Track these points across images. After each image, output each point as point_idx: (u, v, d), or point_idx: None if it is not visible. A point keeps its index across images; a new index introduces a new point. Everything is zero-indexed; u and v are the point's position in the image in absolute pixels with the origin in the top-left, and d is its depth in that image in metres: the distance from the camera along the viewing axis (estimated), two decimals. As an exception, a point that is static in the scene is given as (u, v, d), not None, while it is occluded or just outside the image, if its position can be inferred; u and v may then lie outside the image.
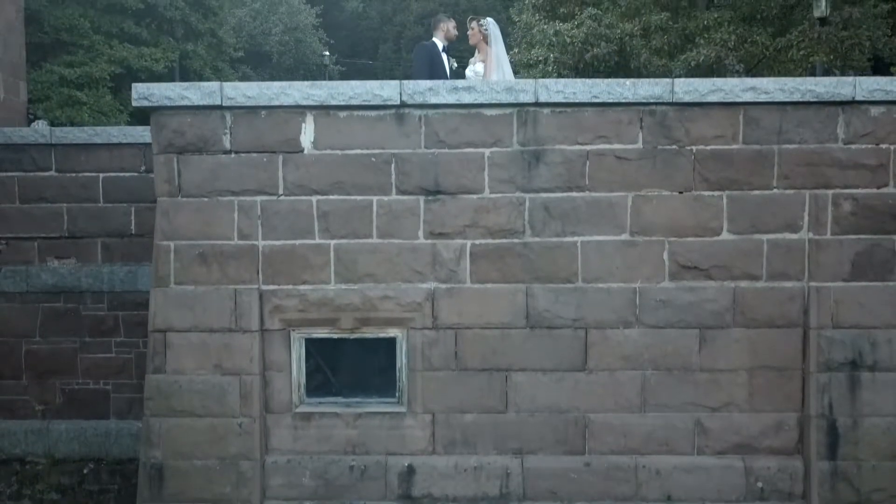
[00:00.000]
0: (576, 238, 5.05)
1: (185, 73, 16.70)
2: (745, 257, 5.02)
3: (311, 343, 5.23)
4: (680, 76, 11.95)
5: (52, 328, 7.46)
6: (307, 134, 5.04)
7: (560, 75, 11.51)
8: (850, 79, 4.89)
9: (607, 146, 5.02)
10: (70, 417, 7.52)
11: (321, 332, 5.19)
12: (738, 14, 12.90)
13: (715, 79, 4.94)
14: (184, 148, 5.07)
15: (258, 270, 5.10)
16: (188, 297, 5.10)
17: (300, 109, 5.00)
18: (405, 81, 4.97)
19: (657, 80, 4.96)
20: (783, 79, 4.93)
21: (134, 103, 5.03)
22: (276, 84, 5.00)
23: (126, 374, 7.51)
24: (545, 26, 12.33)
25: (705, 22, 12.15)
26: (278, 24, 34.22)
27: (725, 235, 5.03)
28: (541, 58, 12.47)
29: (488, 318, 5.08)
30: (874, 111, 4.94)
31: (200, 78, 17.28)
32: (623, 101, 4.92)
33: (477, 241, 5.08)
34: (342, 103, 4.97)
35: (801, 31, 11.93)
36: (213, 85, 4.98)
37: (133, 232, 7.44)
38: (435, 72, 6.15)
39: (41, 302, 7.45)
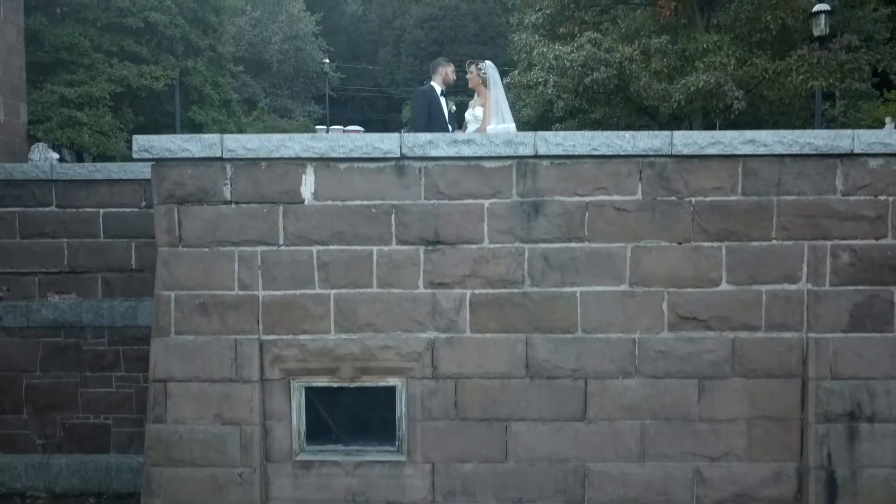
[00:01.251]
0: (575, 288, 5.07)
1: (185, 90, 16.73)
2: (744, 308, 5.03)
3: (311, 391, 5.24)
4: (679, 101, 12.01)
5: (52, 363, 7.48)
6: (307, 185, 5.06)
7: (559, 98, 11.52)
8: (849, 132, 4.90)
9: (606, 197, 5.03)
10: (71, 452, 7.53)
11: (321, 381, 5.21)
12: (737, 35, 12.92)
13: (714, 132, 4.96)
14: (184, 198, 5.09)
15: (258, 320, 5.12)
16: (189, 347, 5.11)
17: (300, 161, 5.02)
18: (405, 134, 5.00)
19: (656, 132, 4.97)
20: (782, 131, 4.94)
21: (134, 155, 5.05)
22: (277, 136, 5.01)
23: (126, 408, 7.52)
24: (545, 49, 12.36)
25: (704, 45, 12.17)
26: (278, 33, 34.25)
27: (724, 286, 5.05)
28: (540, 80, 12.50)
29: (488, 368, 5.09)
30: (872, 163, 4.95)
31: (200, 94, 17.31)
32: (622, 153, 4.94)
33: (477, 291, 5.09)
34: (342, 156, 4.99)
35: (801, 55, 11.96)
36: (214, 137, 5.00)
37: (133, 267, 7.46)
38: (434, 116, 6.17)
39: (42, 337, 7.46)
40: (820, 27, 13.81)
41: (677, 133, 4.94)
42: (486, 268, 5.07)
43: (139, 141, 5.01)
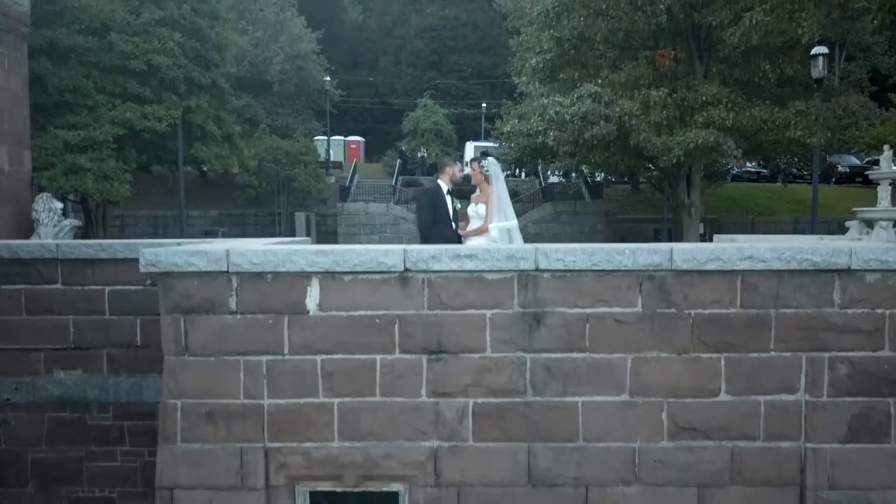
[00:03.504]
0: (577, 398, 5.14)
1: (188, 127, 16.80)
2: (743, 418, 5.10)
3: (315, 495, 5.30)
4: (679, 157, 12.09)
5: (58, 437, 7.53)
6: (312, 297, 5.13)
7: (558, 150, 11.60)
8: (846, 248, 4.97)
9: (607, 309, 5.11)
10: (76, 525, 7.58)
11: (325, 486, 5.27)
12: (735, 80, 13.03)
13: (713, 247, 5.03)
14: (191, 309, 5.16)
15: (264, 428, 5.18)
16: (195, 455, 5.17)
17: (306, 274, 5.10)
18: (408, 249, 5.06)
19: (656, 247, 5.04)
20: (780, 247, 5.01)
21: (141, 269, 5.13)
22: (282, 250, 5.08)
23: (131, 482, 7.58)
24: (545, 100, 12.45)
25: (704, 97, 12.26)
26: (279, 53, 34.34)
27: (723, 396, 5.12)
28: (540, 128, 12.58)
29: (490, 477, 5.16)
30: (869, 278, 5.03)
31: (203, 130, 17.38)
32: (622, 268, 5.02)
33: (479, 400, 5.16)
34: (347, 270, 5.06)
35: (798, 112, 12.04)
36: (220, 252, 5.07)
37: (139, 344, 7.51)
38: (439, 216, 6.25)
39: (47, 412, 7.52)
40: (818, 69, 13.92)
41: (677, 249, 5.02)
42: (489, 377, 5.14)
43: (146, 255, 5.08)
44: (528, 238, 29.13)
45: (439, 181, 6.47)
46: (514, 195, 35.81)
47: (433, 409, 5.16)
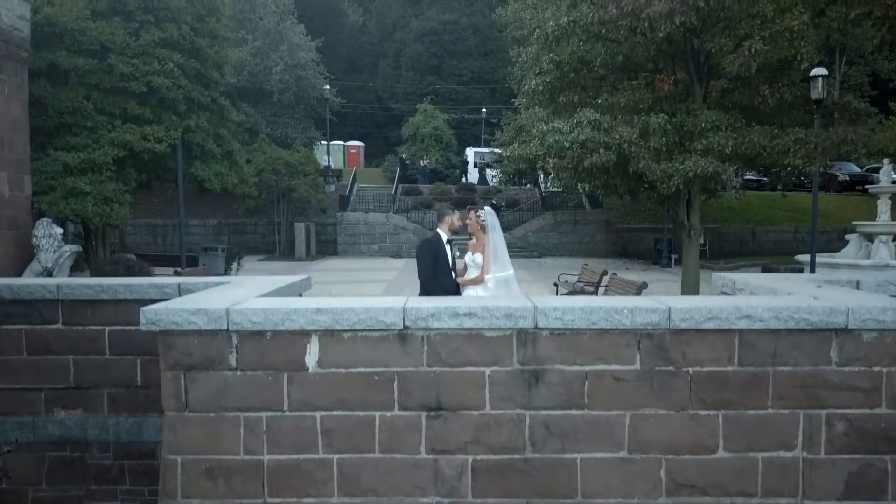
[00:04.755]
0: (575, 455, 5.16)
1: (187, 146, 16.81)
2: (741, 475, 5.12)
3: (315, 549, 5.32)
4: (678, 184, 12.13)
5: (58, 477, 7.55)
6: (312, 354, 5.15)
7: (558, 177, 11.63)
8: (844, 308, 4.99)
9: (605, 367, 5.13)
10: (76, 564, 7.60)
11: (325, 540, 5.29)
12: (735, 103, 13.06)
13: (711, 305, 5.04)
14: (191, 366, 5.18)
15: (263, 484, 5.20)
16: (195, 512, 5.19)
17: (305, 332, 5.12)
18: (408, 307, 5.08)
19: (654, 307, 5.05)
20: (777, 306, 5.03)
21: (142, 327, 5.14)
22: (282, 309, 5.10)
23: (131, 521, 7.59)
24: (544, 127, 12.46)
25: (703, 124, 12.28)
26: (279, 63, 34.34)
27: (721, 453, 5.14)
28: (539, 153, 12.60)
29: (489, 533, 5.18)
30: (867, 336, 5.05)
31: (202, 149, 17.40)
32: (621, 327, 5.04)
33: (478, 457, 5.18)
34: (346, 328, 5.08)
35: (798, 139, 12.07)
36: (220, 311, 5.09)
37: (139, 384, 7.53)
38: (439, 265, 6.28)
39: (48, 451, 7.54)
40: (818, 91, 13.95)
41: (675, 308, 5.03)
42: (488, 434, 5.16)
43: (146, 314, 5.10)
44: (528, 247, 29.23)
45: (439, 230, 6.49)
46: (514, 204, 35.84)
47: (432, 466, 5.18)
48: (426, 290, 6.21)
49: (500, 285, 6.26)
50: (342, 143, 53.54)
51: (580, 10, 12.54)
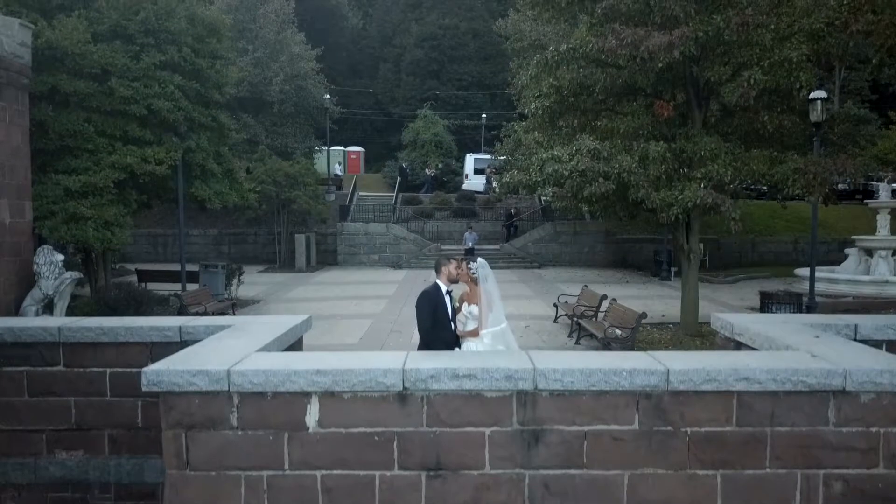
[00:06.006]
0: (574, 513, 5.19)
1: (188, 167, 16.84)
2: (739, 534, 5.15)
3: None
4: (677, 214, 12.15)
5: (59, 517, 7.57)
6: (312, 414, 5.18)
7: (556, 203, 11.67)
8: (841, 370, 5.02)
9: (604, 427, 5.16)
10: None
11: None
12: (734, 133, 13.09)
13: (709, 367, 5.07)
14: (192, 426, 5.21)
15: (264, 543, 5.23)
16: (196, 570, 5.22)
17: (305, 393, 5.15)
18: (407, 369, 5.11)
19: (653, 369, 5.08)
20: (775, 368, 5.06)
21: (143, 388, 5.17)
22: (282, 371, 5.12)
23: (132, 562, 7.61)
24: (543, 155, 12.49)
25: (702, 152, 12.31)
26: (279, 73, 34.38)
27: (720, 512, 5.17)
28: (539, 179, 12.63)
29: (489, 591, 5.20)
30: (864, 398, 5.08)
31: (202, 168, 17.43)
32: (619, 388, 5.07)
33: (478, 515, 5.21)
34: (346, 389, 5.11)
35: (796, 169, 12.10)
36: (221, 372, 5.12)
37: (140, 425, 7.55)
38: (438, 317, 6.31)
39: (48, 492, 7.56)
40: (816, 113, 13.99)
41: (673, 370, 5.06)
42: (488, 494, 5.19)
43: (148, 375, 5.14)
44: (528, 257, 29.06)
45: (437, 281, 6.51)
46: (515, 215, 35.69)
47: (432, 524, 5.21)
48: (426, 344, 6.24)
49: (497, 338, 6.29)
50: (342, 148, 53.60)
51: (579, 38, 12.57)
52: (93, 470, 7.54)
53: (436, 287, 6.46)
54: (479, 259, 6.58)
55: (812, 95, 13.65)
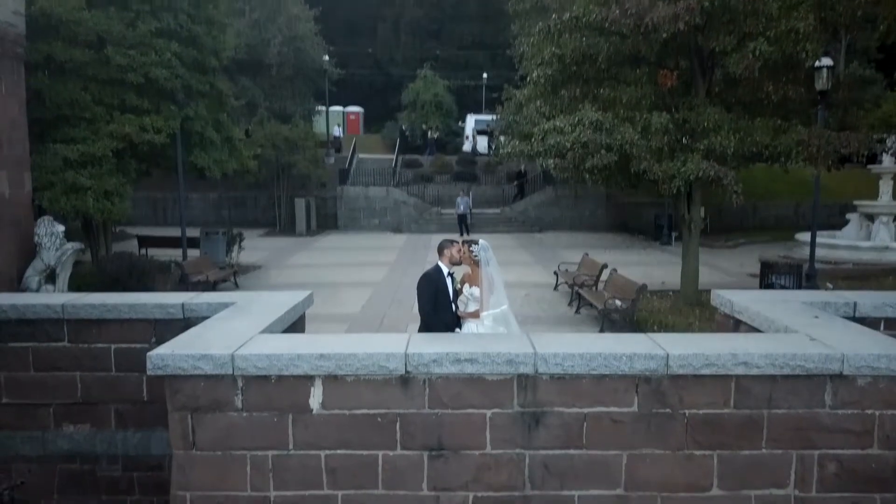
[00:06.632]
0: (573, 492, 5.30)
1: (187, 135, 16.70)
2: (734, 513, 5.27)
3: (320, 580, 5.50)
4: (679, 186, 12.10)
5: (69, 489, 7.73)
6: (316, 397, 5.26)
7: (559, 176, 11.61)
8: (839, 355, 5.07)
9: (604, 409, 5.24)
10: (88, 573, 7.83)
11: (330, 572, 5.47)
12: (738, 104, 12.94)
13: (708, 352, 5.12)
14: (197, 408, 5.29)
15: (270, 520, 5.36)
16: (204, 546, 5.35)
17: (309, 377, 5.21)
18: (410, 353, 5.16)
19: (653, 353, 5.14)
20: (774, 353, 5.11)
21: (149, 372, 5.24)
22: (286, 355, 5.18)
23: (141, 531, 7.80)
24: (546, 125, 12.37)
25: (705, 123, 12.20)
26: (277, 35, 33.87)
27: (715, 491, 5.28)
28: (540, 150, 12.54)
29: (489, 567, 5.34)
30: (861, 381, 5.14)
31: (202, 136, 17.29)
32: (619, 373, 5.13)
33: (479, 494, 5.32)
34: (350, 373, 5.18)
35: (800, 141, 11.99)
36: (225, 356, 5.17)
37: (145, 399, 7.65)
38: (439, 298, 6.34)
39: (58, 464, 7.71)
40: (822, 80, 13.83)
41: (672, 355, 5.12)
42: (489, 474, 5.30)
43: (153, 360, 5.20)
44: (529, 221, 28.90)
45: (439, 263, 6.53)
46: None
47: (434, 503, 5.32)
48: (427, 326, 6.28)
49: (498, 320, 6.34)
50: (341, 108, 53.09)
51: (582, 5, 12.36)
52: (100, 443, 7.68)
53: (437, 269, 6.48)
54: (482, 241, 6.58)
55: (818, 63, 13.47)
